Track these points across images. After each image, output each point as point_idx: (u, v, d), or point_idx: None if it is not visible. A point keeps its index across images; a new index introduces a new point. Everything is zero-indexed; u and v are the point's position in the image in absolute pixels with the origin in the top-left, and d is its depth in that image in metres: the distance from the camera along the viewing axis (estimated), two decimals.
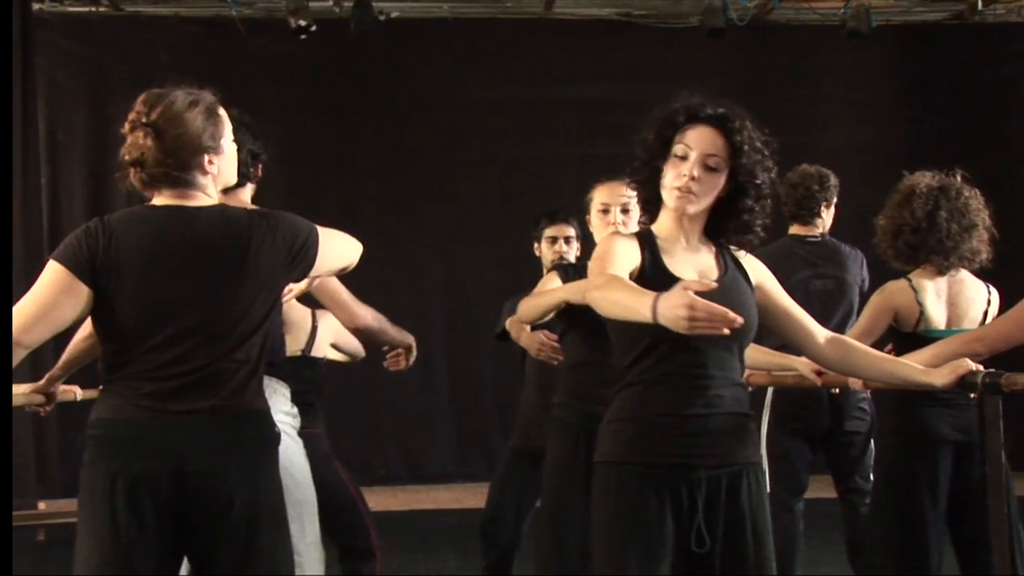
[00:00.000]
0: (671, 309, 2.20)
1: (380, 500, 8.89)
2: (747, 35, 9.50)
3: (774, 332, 2.86)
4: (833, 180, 4.90)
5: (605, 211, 3.90)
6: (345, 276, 3.10)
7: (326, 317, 4.26)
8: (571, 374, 4.00)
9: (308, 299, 3.51)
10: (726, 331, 2.22)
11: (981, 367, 2.74)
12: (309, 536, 3.64)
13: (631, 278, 2.61)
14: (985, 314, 3.77)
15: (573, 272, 4.08)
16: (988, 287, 3.83)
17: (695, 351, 2.61)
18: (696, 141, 2.66)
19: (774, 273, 2.88)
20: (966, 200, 3.75)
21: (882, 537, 3.86)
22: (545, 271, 4.81)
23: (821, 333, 2.83)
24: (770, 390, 4.69)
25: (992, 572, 2.76)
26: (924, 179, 3.82)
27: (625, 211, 3.85)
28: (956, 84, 9.80)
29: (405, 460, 9.81)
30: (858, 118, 10.04)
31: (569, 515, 3.91)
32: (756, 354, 3.28)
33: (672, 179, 2.66)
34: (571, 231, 4.74)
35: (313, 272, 2.83)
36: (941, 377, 2.75)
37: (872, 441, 4.69)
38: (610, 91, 8.88)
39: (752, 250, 2.77)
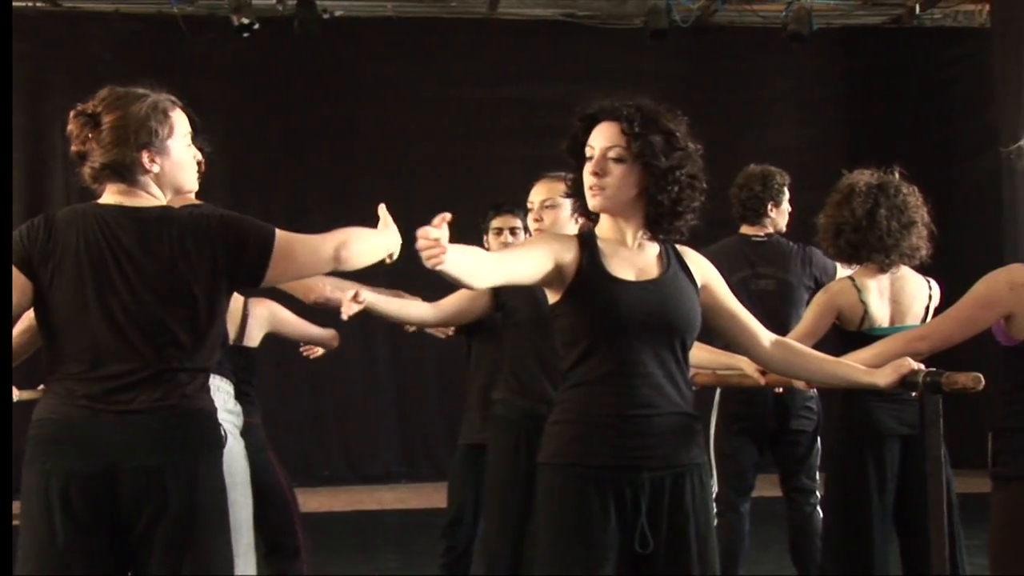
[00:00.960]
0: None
1: (323, 501, 8.85)
2: (690, 37, 9.57)
3: (718, 333, 2.87)
4: (779, 180, 4.92)
5: (530, 208, 3.94)
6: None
7: (259, 306, 4.20)
8: (512, 370, 4.00)
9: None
10: (440, 260, 2.24)
11: (923, 366, 2.78)
12: (244, 539, 3.61)
13: (568, 278, 2.63)
14: (927, 310, 3.82)
15: None
16: (929, 283, 3.88)
17: (635, 350, 2.61)
18: (597, 138, 2.69)
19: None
20: (904, 198, 3.79)
21: (829, 531, 3.91)
22: None
23: (765, 335, 2.85)
24: (718, 390, 4.71)
25: (931, 565, 2.80)
26: (863, 177, 3.86)
27: (550, 207, 3.87)
28: (895, 86, 9.95)
29: (348, 461, 9.77)
30: (800, 119, 10.16)
31: (512, 514, 3.90)
32: (701, 352, 3.30)
33: (585, 181, 2.69)
34: (517, 222, 4.75)
35: (275, 278, 2.75)
36: (884, 377, 2.79)
37: (819, 440, 4.74)
38: (555, 91, 8.90)
39: (685, 239, 2.75)
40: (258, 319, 4.28)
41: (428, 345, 9.44)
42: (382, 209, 2.90)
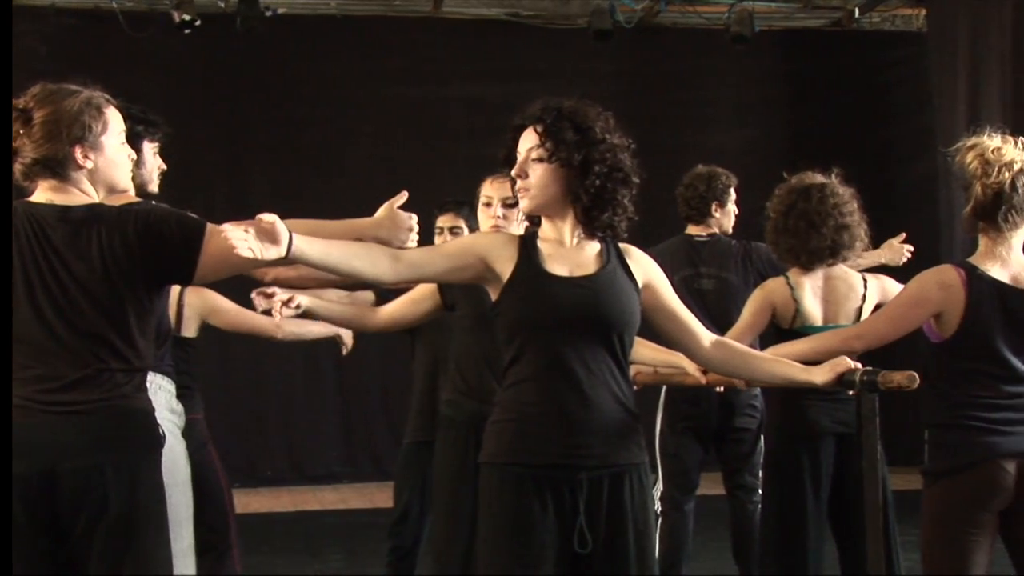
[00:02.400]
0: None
1: (265, 502, 8.80)
2: (634, 37, 9.61)
3: (659, 332, 2.89)
4: (724, 180, 4.95)
5: (488, 204, 3.92)
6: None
7: (192, 295, 4.12)
8: (459, 370, 3.99)
9: None
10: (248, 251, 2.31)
11: (859, 364, 2.82)
12: (184, 539, 3.57)
13: (505, 276, 2.66)
14: (860, 310, 3.87)
15: None
16: (865, 281, 3.93)
17: (570, 347, 2.62)
18: (522, 144, 2.73)
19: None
20: (826, 199, 3.83)
21: (765, 529, 3.96)
22: None
23: (705, 336, 2.87)
24: (663, 389, 4.74)
25: (867, 563, 2.84)
26: (794, 182, 3.93)
27: (509, 206, 3.86)
28: (836, 88, 10.08)
29: (291, 461, 9.71)
30: (742, 120, 10.25)
31: (459, 514, 3.90)
32: (643, 349, 3.32)
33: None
34: (459, 222, 4.74)
35: (209, 274, 2.69)
36: (821, 375, 2.83)
37: (762, 438, 4.78)
38: (499, 91, 8.91)
39: (619, 235, 2.77)
40: (193, 308, 4.19)
41: (372, 343, 9.42)
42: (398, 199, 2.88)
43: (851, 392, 2.85)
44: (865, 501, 2.79)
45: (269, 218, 2.37)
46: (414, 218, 2.83)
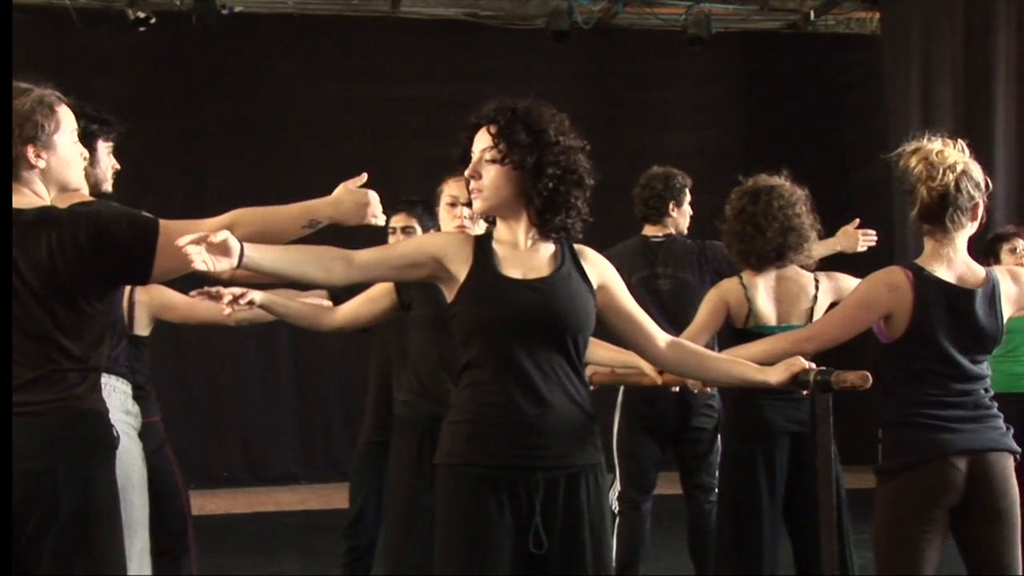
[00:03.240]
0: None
1: (222, 503, 8.74)
2: (592, 38, 9.65)
3: (614, 333, 2.89)
4: (680, 180, 4.97)
5: (452, 204, 3.91)
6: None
7: (142, 292, 4.07)
8: (415, 371, 3.98)
9: None
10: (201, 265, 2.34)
11: (813, 364, 2.85)
12: (139, 541, 3.55)
13: (460, 277, 2.66)
14: (811, 311, 3.91)
15: None
16: (817, 282, 3.96)
17: (524, 348, 2.62)
18: (476, 144, 2.74)
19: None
20: (776, 204, 3.87)
21: (721, 528, 3.98)
22: None
23: (661, 337, 2.87)
24: (621, 389, 4.76)
25: (821, 561, 2.87)
26: (748, 184, 3.97)
27: (467, 205, 3.85)
28: (792, 90, 10.17)
29: (247, 462, 9.66)
30: (700, 122, 10.31)
31: (414, 515, 3.89)
32: (600, 350, 3.33)
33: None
34: (413, 221, 4.74)
35: (166, 272, 2.67)
36: (776, 375, 2.85)
37: (719, 438, 4.81)
38: (457, 91, 8.90)
39: (573, 237, 2.77)
40: (143, 306, 4.14)
41: (329, 344, 9.40)
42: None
43: (805, 392, 2.88)
44: (819, 500, 2.81)
45: (220, 236, 2.38)
46: (373, 195, 2.83)
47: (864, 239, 4.81)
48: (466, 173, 2.73)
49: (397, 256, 2.75)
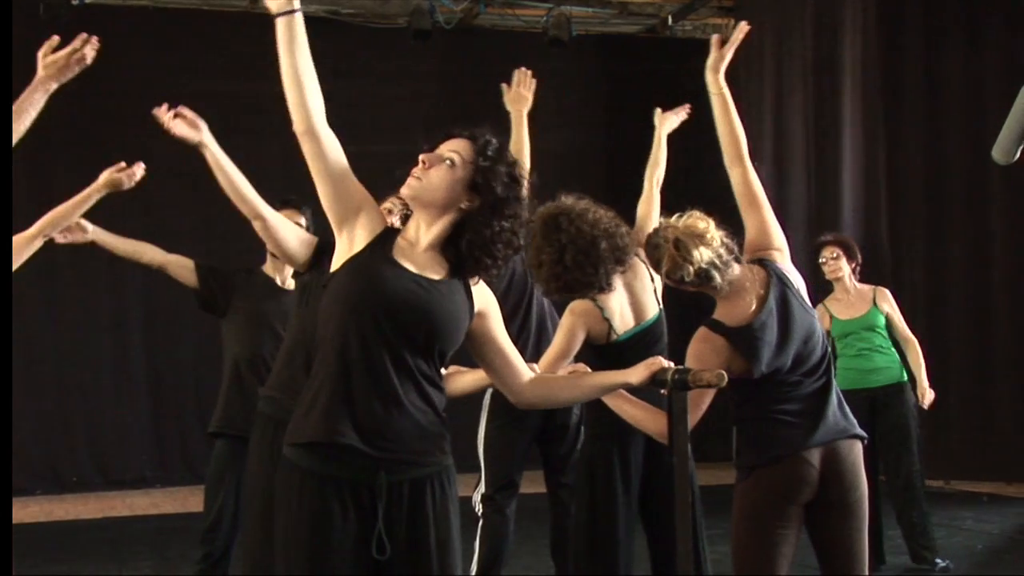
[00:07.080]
0: None
1: (71, 508, 8.50)
2: (454, 38, 9.66)
3: (484, 363, 2.84)
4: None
5: (389, 211, 3.91)
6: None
7: None
8: (284, 364, 3.90)
9: None
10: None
11: (672, 363, 2.89)
12: None
13: (355, 248, 2.61)
14: (656, 293, 3.99)
15: None
16: (650, 271, 3.96)
17: (388, 342, 2.54)
18: (453, 141, 2.72)
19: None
20: (572, 225, 3.79)
21: (578, 526, 4.01)
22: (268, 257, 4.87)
23: (526, 373, 2.85)
24: (487, 392, 4.73)
25: (677, 555, 2.91)
26: (543, 215, 3.84)
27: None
28: (651, 93, 10.23)
29: (98, 465, 9.40)
30: (562, 124, 10.37)
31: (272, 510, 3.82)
32: (466, 377, 3.29)
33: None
34: (301, 219, 4.71)
35: None
36: (636, 375, 2.86)
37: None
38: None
39: (469, 274, 2.69)
40: None
41: (184, 340, 9.20)
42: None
43: (663, 391, 2.92)
44: (676, 497, 2.85)
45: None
46: (139, 168, 2.77)
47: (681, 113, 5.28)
48: (421, 157, 2.66)
49: (349, 172, 2.66)
